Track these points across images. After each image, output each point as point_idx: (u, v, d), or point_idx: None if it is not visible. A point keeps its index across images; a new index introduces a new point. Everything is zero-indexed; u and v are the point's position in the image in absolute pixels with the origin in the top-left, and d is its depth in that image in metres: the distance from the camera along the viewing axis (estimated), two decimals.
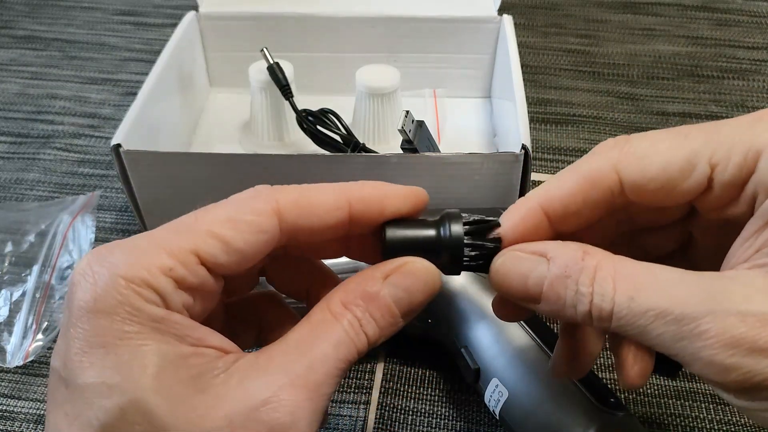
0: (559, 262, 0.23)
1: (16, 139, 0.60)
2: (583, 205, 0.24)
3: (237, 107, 0.61)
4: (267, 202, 0.23)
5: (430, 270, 0.24)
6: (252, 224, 0.22)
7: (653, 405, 0.40)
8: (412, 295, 0.23)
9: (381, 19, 0.59)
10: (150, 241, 0.22)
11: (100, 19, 0.76)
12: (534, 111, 0.63)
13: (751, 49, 0.70)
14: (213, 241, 0.22)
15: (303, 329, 0.23)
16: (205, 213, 0.23)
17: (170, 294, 0.21)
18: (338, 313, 0.23)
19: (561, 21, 0.75)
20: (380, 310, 0.23)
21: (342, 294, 0.23)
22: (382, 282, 0.23)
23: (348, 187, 0.24)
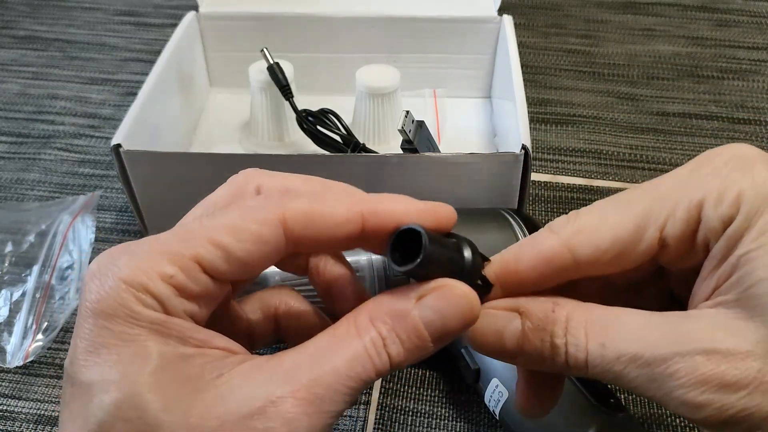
0: (532, 316, 0.23)
1: (16, 139, 0.60)
2: (539, 280, 0.24)
3: (237, 107, 0.61)
4: (273, 212, 0.22)
5: (470, 297, 0.22)
6: (255, 234, 0.22)
7: (653, 405, 0.40)
8: (446, 320, 0.22)
9: (381, 19, 0.59)
10: (153, 246, 0.22)
11: (101, 20, 0.76)
12: (534, 111, 0.63)
13: (751, 49, 0.70)
14: (214, 249, 0.22)
15: (322, 339, 0.22)
16: (211, 219, 0.22)
17: (170, 300, 0.21)
18: (362, 328, 0.22)
19: (561, 21, 0.75)
20: (407, 331, 0.22)
21: (371, 309, 0.22)
22: (415, 302, 0.22)
23: (363, 200, 0.23)
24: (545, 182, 0.55)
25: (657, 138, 0.59)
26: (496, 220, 0.41)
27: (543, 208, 0.53)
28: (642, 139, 0.59)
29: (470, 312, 0.22)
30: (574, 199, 0.54)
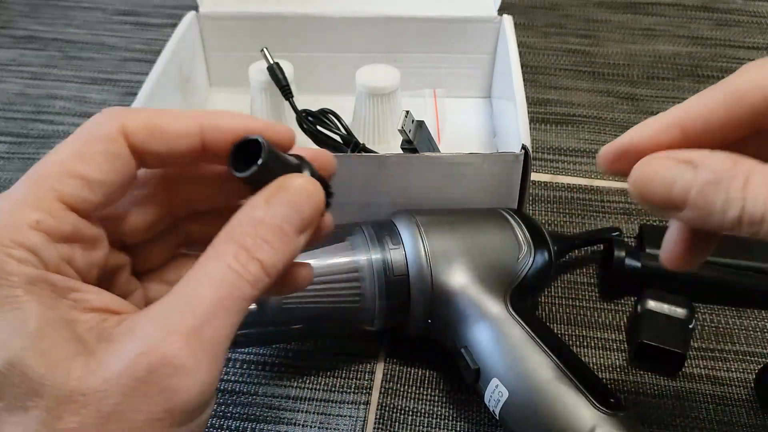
0: (709, 169, 0.22)
1: (16, 139, 0.60)
2: (725, 123, 0.24)
3: (237, 107, 0.60)
4: (113, 126, 0.22)
5: (310, 183, 0.23)
6: (103, 153, 0.22)
7: (653, 405, 0.40)
8: (301, 210, 0.23)
9: (381, 19, 0.59)
10: (9, 200, 0.21)
11: (100, 19, 0.76)
12: (534, 111, 0.63)
13: (751, 49, 0.70)
14: (71, 180, 0.21)
15: (188, 275, 0.21)
16: (55, 154, 0.21)
17: (43, 249, 0.20)
18: (221, 249, 0.22)
19: (561, 21, 0.75)
20: (271, 232, 0.22)
21: (226, 229, 0.22)
22: (266, 205, 0.22)
23: (202, 114, 0.24)
24: (545, 182, 0.55)
25: None
26: (496, 220, 0.41)
27: (543, 208, 0.53)
28: None
29: (317, 195, 0.23)
30: (574, 199, 0.54)
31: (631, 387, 0.41)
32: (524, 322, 0.36)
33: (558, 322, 0.45)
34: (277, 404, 0.40)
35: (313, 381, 0.41)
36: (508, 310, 0.37)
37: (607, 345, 0.43)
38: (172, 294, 0.21)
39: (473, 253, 0.39)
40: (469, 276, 0.38)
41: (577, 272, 0.48)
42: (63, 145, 0.22)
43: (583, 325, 0.45)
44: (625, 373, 0.42)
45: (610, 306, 0.46)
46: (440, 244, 0.39)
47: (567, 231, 0.51)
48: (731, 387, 0.41)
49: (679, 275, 0.45)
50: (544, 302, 0.46)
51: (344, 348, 0.43)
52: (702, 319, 0.45)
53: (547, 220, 0.52)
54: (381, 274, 0.38)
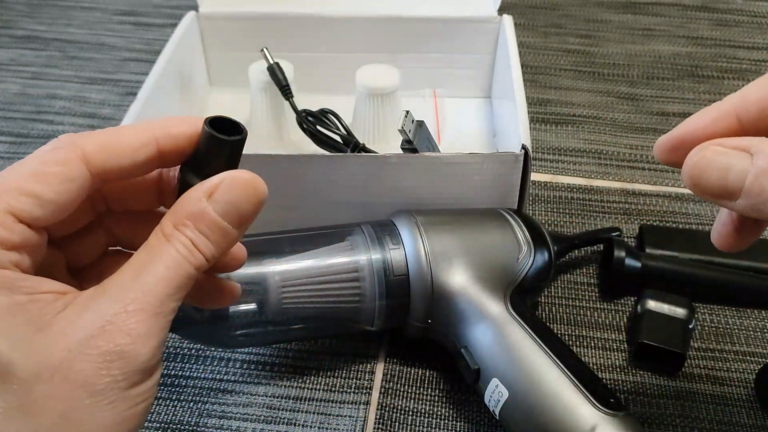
0: (766, 156, 0.23)
1: (16, 139, 0.60)
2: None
3: (237, 107, 0.60)
4: (71, 150, 0.24)
5: (253, 179, 0.25)
6: (59, 175, 0.23)
7: (653, 405, 0.40)
8: (239, 205, 0.24)
9: (381, 19, 0.59)
10: None
11: (100, 19, 0.76)
12: (534, 111, 0.63)
13: (751, 49, 0.70)
14: (24, 197, 0.23)
15: (138, 256, 0.24)
16: (11, 171, 0.23)
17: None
18: (169, 234, 0.24)
19: (561, 21, 0.75)
20: (209, 227, 0.24)
21: (172, 217, 0.24)
22: (207, 200, 0.24)
23: (153, 124, 0.25)
24: (545, 182, 0.55)
25: (657, 138, 0.59)
26: (496, 220, 0.41)
27: (543, 208, 0.53)
28: (642, 139, 0.59)
29: (260, 193, 0.25)
30: (574, 199, 0.54)
31: (631, 387, 0.41)
32: (524, 322, 0.36)
33: (558, 322, 0.45)
34: (277, 404, 0.40)
35: (313, 381, 0.41)
36: (508, 310, 0.37)
37: (607, 345, 0.43)
38: (124, 272, 0.23)
39: (473, 253, 0.39)
40: (469, 276, 0.38)
41: (577, 272, 0.48)
42: (21, 164, 0.24)
43: (583, 325, 0.45)
44: (625, 373, 0.42)
45: (610, 306, 0.46)
46: (440, 244, 0.39)
47: (567, 231, 0.51)
48: (731, 387, 0.41)
49: (679, 275, 0.45)
50: (544, 302, 0.46)
51: (344, 348, 0.43)
52: (702, 319, 0.45)
53: (547, 220, 0.52)
54: (381, 274, 0.38)
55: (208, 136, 0.25)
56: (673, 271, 0.45)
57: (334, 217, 0.43)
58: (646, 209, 0.53)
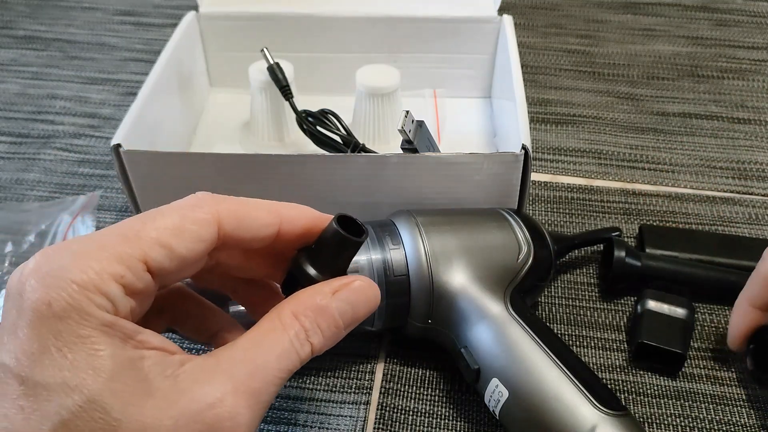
0: None
1: (16, 139, 0.60)
2: None
3: (237, 107, 0.61)
4: (209, 213, 0.25)
5: (373, 287, 0.27)
6: (195, 233, 0.25)
7: (653, 405, 0.40)
8: (356, 309, 0.27)
9: (381, 19, 0.59)
10: (101, 247, 0.23)
11: (101, 20, 0.76)
12: (534, 111, 0.63)
13: (751, 49, 0.70)
14: (160, 249, 0.24)
15: (252, 336, 0.25)
16: (153, 220, 0.24)
17: (119, 300, 0.23)
18: (287, 323, 0.25)
19: (561, 21, 0.75)
20: (327, 322, 0.26)
21: (293, 305, 0.26)
22: (331, 296, 0.26)
23: (281, 207, 0.27)
24: (545, 182, 0.55)
25: (657, 138, 0.59)
26: (496, 220, 0.41)
27: (543, 208, 0.53)
28: (642, 139, 0.59)
29: (375, 300, 0.27)
30: (574, 199, 0.54)
31: (631, 387, 0.41)
32: (524, 322, 0.36)
33: (558, 322, 0.45)
34: (277, 404, 0.40)
35: (313, 381, 0.42)
36: (508, 310, 0.37)
37: (607, 345, 0.43)
38: (239, 350, 0.24)
39: (473, 253, 0.39)
40: (469, 276, 0.38)
41: (577, 272, 0.48)
42: (161, 214, 0.25)
43: (583, 325, 0.45)
44: (625, 373, 0.42)
45: (610, 306, 0.46)
46: (440, 244, 0.39)
47: (567, 231, 0.51)
48: (731, 387, 0.41)
49: (679, 275, 0.45)
50: (544, 302, 0.46)
51: (344, 348, 0.43)
52: (702, 319, 0.45)
53: (547, 220, 0.52)
54: (381, 275, 0.38)
55: (335, 233, 0.27)
56: (673, 271, 0.45)
57: None
58: (646, 209, 0.53)
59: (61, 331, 0.21)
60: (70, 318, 0.22)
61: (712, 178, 0.55)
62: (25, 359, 0.21)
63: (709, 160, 0.57)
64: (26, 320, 0.22)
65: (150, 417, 0.22)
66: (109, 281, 0.22)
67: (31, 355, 0.21)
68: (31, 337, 0.21)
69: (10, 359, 0.22)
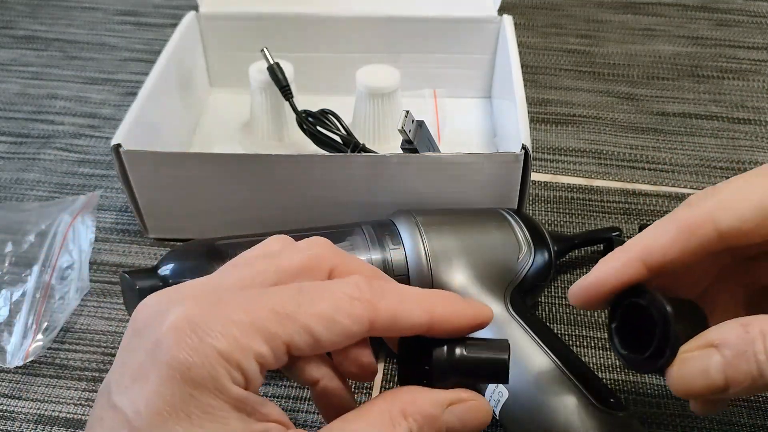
0: (729, 344, 0.24)
1: (16, 139, 0.60)
2: (681, 254, 0.26)
3: (237, 107, 0.61)
4: (367, 310, 0.24)
5: (488, 411, 0.26)
6: (346, 329, 0.23)
7: (653, 405, 0.40)
8: (465, 427, 0.25)
9: (381, 19, 0.59)
10: (254, 321, 0.22)
11: (101, 20, 0.76)
12: (534, 111, 0.63)
13: (751, 49, 0.70)
14: (307, 337, 0.23)
15: (360, 426, 0.24)
16: (309, 303, 0.23)
17: (255, 377, 0.22)
18: (396, 421, 0.24)
19: (561, 21, 0.75)
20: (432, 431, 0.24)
21: (406, 403, 0.24)
22: (445, 408, 0.25)
23: (434, 303, 0.25)
24: (545, 182, 0.55)
25: (657, 138, 0.59)
26: (496, 219, 0.41)
27: (543, 208, 0.53)
28: (642, 139, 0.59)
29: (485, 423, 0.26)
30: (574, 199, 0.54)
31: (631, 387, 0.41)
32: (524, 322, 0.36)
33: (558, 322, 0.45)
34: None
35: None
36: (508, 310, 0.37)
37: (607, 345, 0.43)
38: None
39: (473, 253, 0.39)
40: (469, 276, 0.38)
41: (577, 272, 0.48)
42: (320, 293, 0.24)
43: (583, 325, 0.45)
44: (625, 373, 0.42)
45: None
46: (440, 244, 0.39)
47: (567, 231, 0.51)
48: None
49: None
50: (544, 302, 0.46)
51: None
52: None
53: (547, 220, 0.52)
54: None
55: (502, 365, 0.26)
56: None
57: (334, 217, 0.44)
58: (646, 209, 0.53)
59: (195, 397, 0.21)
60: (206, 387, 0.21)
61: (712, 178, 0.55)
62: (148, 414, 0.21)
63: (709, 160, 0.57)
64: (159, 374, 0.21)
65: None
66: (251, 359, 0.22)
67: (157, 413, 0.21)
68: (160, 394, 0.21)
69: (130, 408, 0.21)
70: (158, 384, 0.21)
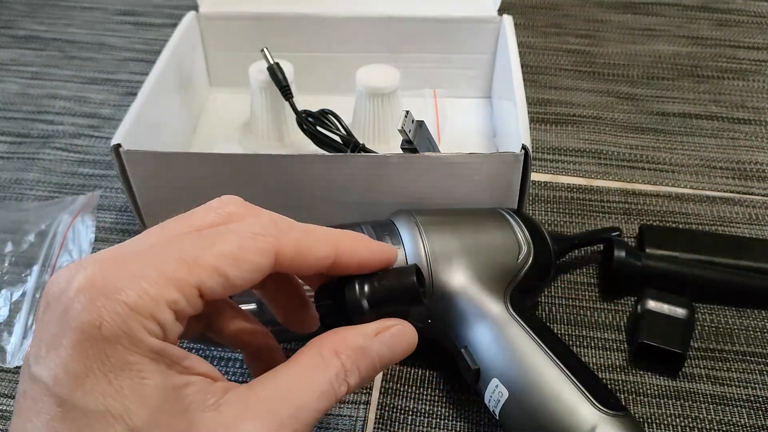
0: None
1: (16, 139, 0.60)
2: None
3: (237, 107, 0.61)
4: (271, 244, 0.24)
5: (414, 334, 0.27)
6: (252, 264, 0.24)
7: (653, 405, 0.40)
8: (395, 353, 0.26)
9: (381, 19, 0.59)
10: (161, 272, 0.22)
11: (100, 19, 0.76)
12: (534, 111, 0.63)
13: (751, 49, 0.70)
14: (217, 277, 0.23)
15: (293, 372, 0.24)
16: (212, 245, 0.24)
17: (170, 326, 0.22)
18: (329, 362, 0.25)
19: (561, 21, 0.75)
20: (366, 363, 0.25)
21: (335, 342, 0.25)
22: (373, 338, 0.26)
23: (339, 238, 0.26)
24: (545, 182, 0.55)
25: (657, 138, 0.59)
26: (496, 219, 0.41)
27: (543, 208, 0.53)
28: (642, 139, 0.59)
29: (412, 346, 0.27)
30: (574, 199, 0.54)
31: (631, 387, 0.41)
32: (524, 322, 0.36)
33: (558, 322, 0.45)
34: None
35: None
36: (508, 310, 0.37)
37: (607, 345, 0.43)
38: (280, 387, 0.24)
39: (473, 253, 0.39)
40: (469, 276, 0.38)
41: (577, 272, 0.48)
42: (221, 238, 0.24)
43: (583, 325, 0.45)
44: (625, 373, 0.42)
45: (610, 306, 0.46)
46: (440, 244, 0.39)
47: (567, 231, 0.51)
48: (731, 387, 0.41)
49: (679, 275, 0.45)
50: (544, 302, 0.46)
51: None
52: (702, 319, 0.45)
53: (547, 220, 0.52)
54: None
55: (411, 288, 0.27)
56: (673, 271, 0.45)
57: (334, 218, 0.43)
58: (646, 209, 0.53)
59: (109, 355, 0.21)
60: (119, 343, 0.21)
61: (712, 178, 0.55)
62: (66, 379, 0.21)
63: (709, 160, 0.57)
64: (71, 339, 0.21)
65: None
66: (163, 307, 0.22)
67: (74, 377, 0.21)
68: (75, 358, 0.21)
69: (48, 376, 0.21)
70: (72, 348, 0.21)
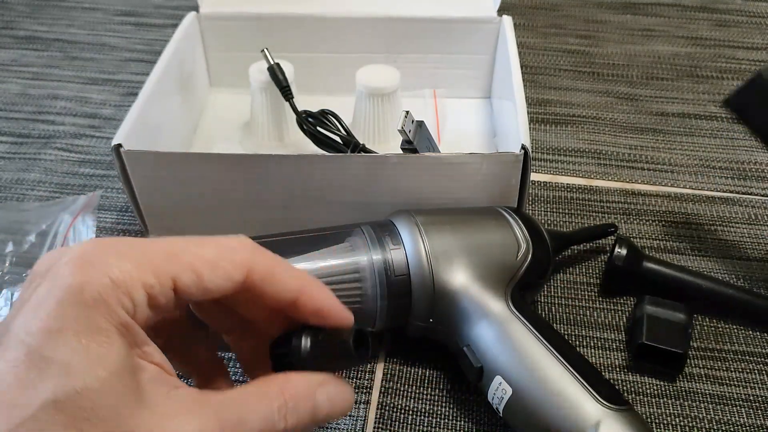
0: None
1: (17, 139, 0.60)
2: None
3: (237, 107, 0.61)
4: (245, 258, 0.26)
5: (352, 395, 0.29)
6: (226, 272, 0.26)
7: (653, 405, 0.40)
8: (333, 407, 0.28)
9: (381, 19, 0.59)
10: (145, 256, 0.24)
11: (101, 20, 0.77)
12: (534, 111, 0.63)
13: (750, 50, 0.70)
14: (191, 274, 0.25)
15: (242, 391, 0.26)
16: (195, 246, 0.26)
17: (141, 307, 0.24)
18: (273, 395, 0.26)
19: (561, 21, 0.75)
20: (306, 407, 0.27)
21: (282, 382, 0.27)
22: (317, 387, 0.27)
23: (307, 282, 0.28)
24: (545, 182, 0.55)
25: (657, 138, 0.59)
26: (495, 218, 0.41)
27: (543, 208, 0.53)
28: (642, 139, 0.59)
29: (350, 406, 0.29)
30: (574, 199, 0.54)
31: (631, 387, 0.41)
32: (526, 319, 0.36)
33: (558, 322, 0.45)
34: None
35: None
36: (510, 307, 0.37)
37: (607, 345, 0.43)
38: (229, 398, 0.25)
39: (473, 252, 0.39)
40: (469, 274, 0.38)
41: (577, 272, 0.48)
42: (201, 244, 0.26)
43: (583, 325, 0.45)
44: (625, 373, 0.42)
45: (610, 306, 0.46)
46: (440, 244, 0.39)
47: (566, 231, 0.51)
48: (731, 387, 0.41)
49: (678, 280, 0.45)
50: (544, 302, 0.46)
51: None
52: (702, 319, 0.45)
53: (546, 220, 0.52)
54: (382, 275, 0.38)
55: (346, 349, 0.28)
56: (673, 275, 0.45)
57: (334, 218, 0.44)
58: (646, 209, 0.53)
59: (85, 317, 0.22)
60: (97, 308, 0.22)
61: (712, 178, 0.55)
62: (40, 334, 0.22)
63: (708, 160, 0.57)
64: (55, 298, 0.22)
65: (140, 427, 0.22)
66: (139, 287, 0.24)
67: (47, 332, 0.22)
68: (53, 316, 0.22)
69: (22, 331, 0.22)
70: (53, 307, 0.22)
